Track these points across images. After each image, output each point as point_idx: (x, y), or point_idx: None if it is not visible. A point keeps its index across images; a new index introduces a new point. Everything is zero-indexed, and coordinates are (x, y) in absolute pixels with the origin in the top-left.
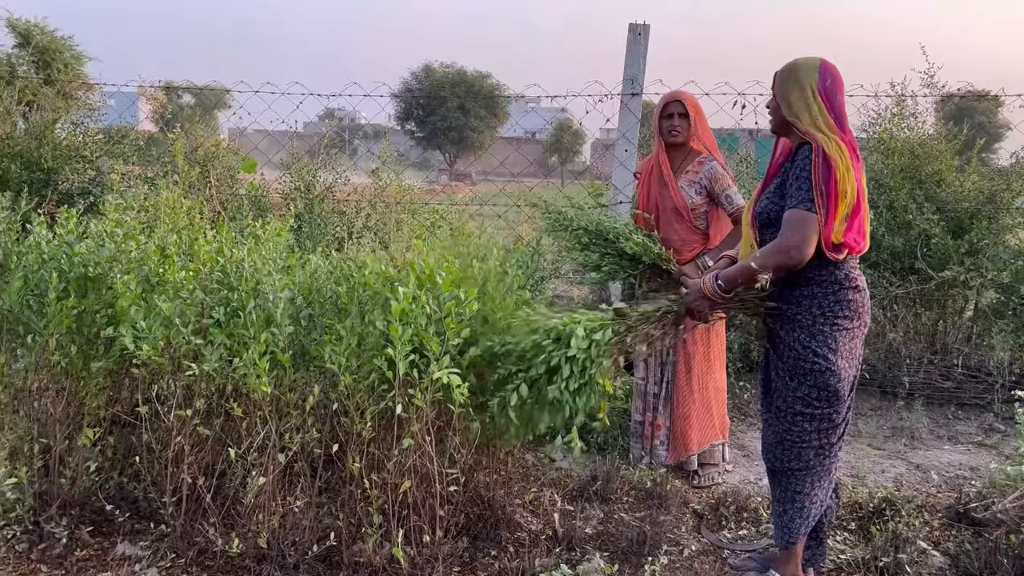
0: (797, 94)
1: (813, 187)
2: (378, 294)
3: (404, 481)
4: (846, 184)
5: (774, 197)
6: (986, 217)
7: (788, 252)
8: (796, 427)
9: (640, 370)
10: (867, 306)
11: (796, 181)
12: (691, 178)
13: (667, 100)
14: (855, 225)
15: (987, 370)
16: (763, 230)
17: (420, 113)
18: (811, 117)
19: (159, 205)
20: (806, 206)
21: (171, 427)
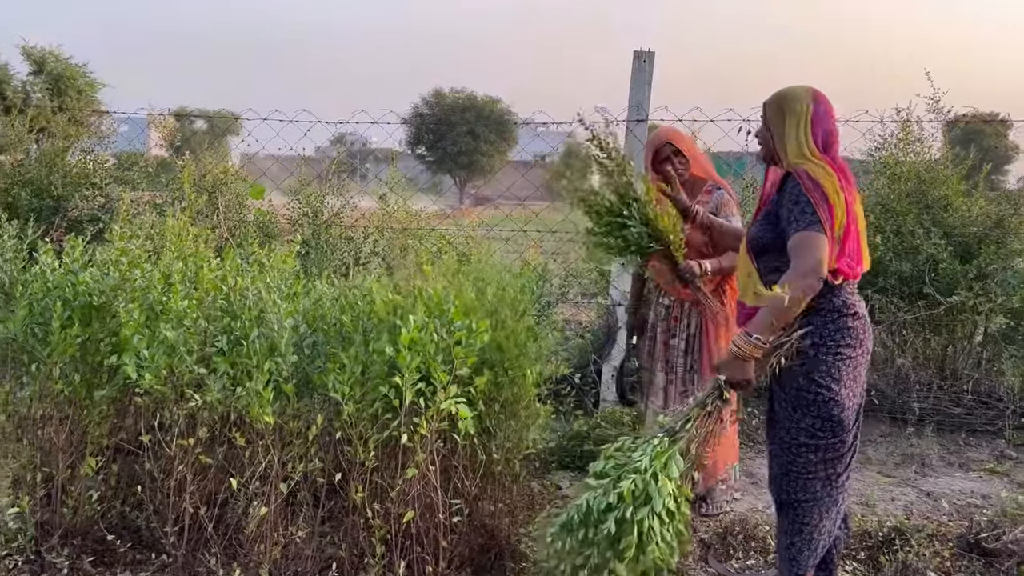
0: (787, 123)
1: (816, 208)
2: (383, 322)
3: (407, 511)
4: (836, 207)
5: (765, 224)
6: (994, 242)
7: (806, 275)
8: (801, 458)
9: (659, 398)
10: (868, 333)
11: (795, 207)
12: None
13: (656, 145)
14: (847, 249)
15: (998, 396)
16: (758, 257)
17: (430, 138)
18: (798, 146)
19: (165, 233)
20: (814, 228)
21: (173, 456)
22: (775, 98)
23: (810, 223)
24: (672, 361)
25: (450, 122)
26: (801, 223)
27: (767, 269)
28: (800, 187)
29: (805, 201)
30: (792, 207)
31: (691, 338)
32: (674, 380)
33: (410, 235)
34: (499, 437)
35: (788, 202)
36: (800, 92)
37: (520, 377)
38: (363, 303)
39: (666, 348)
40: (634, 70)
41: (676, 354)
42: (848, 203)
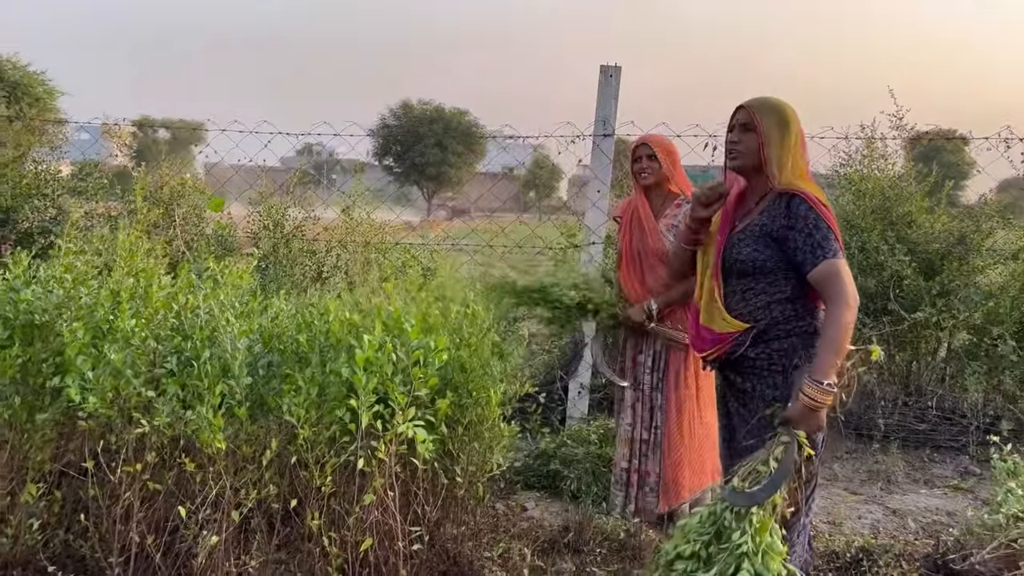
0: (786, 139)
1: (836, 235)
2: (341, 342)
3: (366, 538)
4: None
5: (757, 243)
6: (957, 258)
7: (853, 306)
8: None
9: (628, 416)
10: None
11: (817, 233)
12: (670, 222)
13: (636, 143)
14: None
15: (961, 412)
16: (742, 278)
17: (398, 149)
18: (794, 167)
19: (116, 247)
20: (840, 255)
21: (120, 482)
22: (773, 108)
23: (836, 251)
24: (639, 378)
25: (418, 134)
26: (828, 251)
27: (747, 292)
28: (817, 213)
29: (827, 228)
30: (814, 233)
31: (656, 355)
32: (641, 397)
33: (374, 249)
34: (462, 460)
35: (807, 228)
36: (792, 109)
37: (484, 398)
38: (320, 322)
39: (634, 364)
40: (600, 84)
41: (643, 371)
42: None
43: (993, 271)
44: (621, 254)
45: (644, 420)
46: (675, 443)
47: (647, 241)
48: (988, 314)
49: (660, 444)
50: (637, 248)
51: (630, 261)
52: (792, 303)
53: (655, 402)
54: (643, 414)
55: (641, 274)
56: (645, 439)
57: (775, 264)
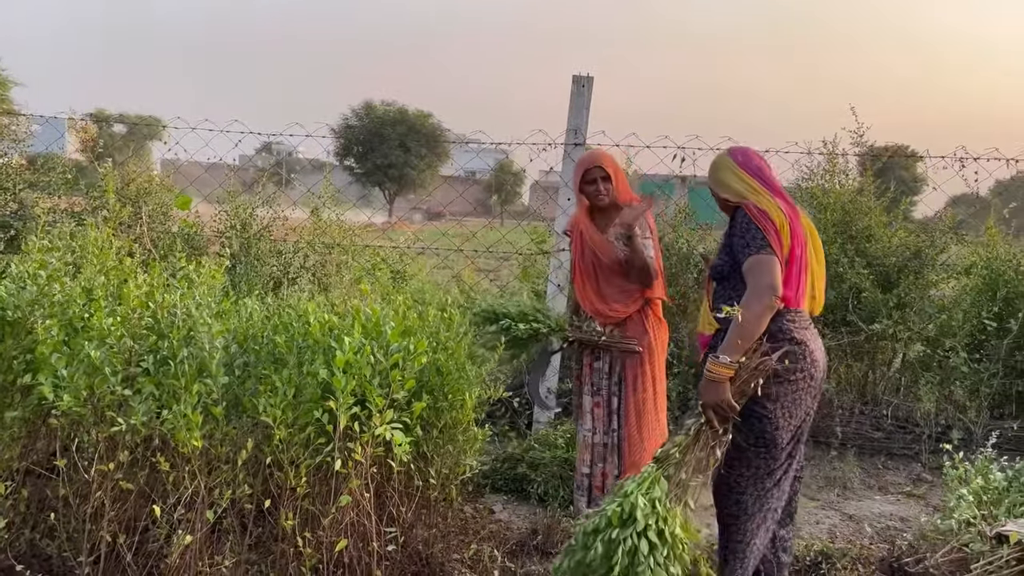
0: (722, 178)
1: (766, 234)
2: (318, 343)
3: (340, 539)
4: (782, 234)
5: (723, 255)
6: (912, 272)
7: (762, 295)
8: (735, 471)
9: (588, 421)
10: (812, 359)
11: (746, 234)
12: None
13: (587, 166)
14: (792, 278)
15: (915, 421)
16: (719, 284)
17: (360, 150)
18: (743, 187)
19: (86, 245)
20: (765, 251)
21: (91, 481)
22: (710, 172)
23: (761, 247)
24: (596, 383)
25: (381, 135)
26: (753, 248)
27: (724, 297)
28: (749, 217)
29: (755, 228)
30: (744, 234)
31: (613, 360)
32: (600, 403)
33: (343, 250)
34: (436, 462)
35: (739, 231)
36: (719, 155)
37: (459, 401)
38: (298, 324)
39: (591, 371)
40: (573, 94)
41: (600, 376)
42: (796, 234)
43: (946, 285)
44: (574, 267)
45: (604, 424)
46: (635, 446)
47: (599, 254)
48: (941, 327)
49: (618, 447)
50: (591, 261)
51: (584, 274)
52: None
53: (612, 406)
54: (603, 418)
55: (596, 286)
56: (605, 443)
57: (731, 269)
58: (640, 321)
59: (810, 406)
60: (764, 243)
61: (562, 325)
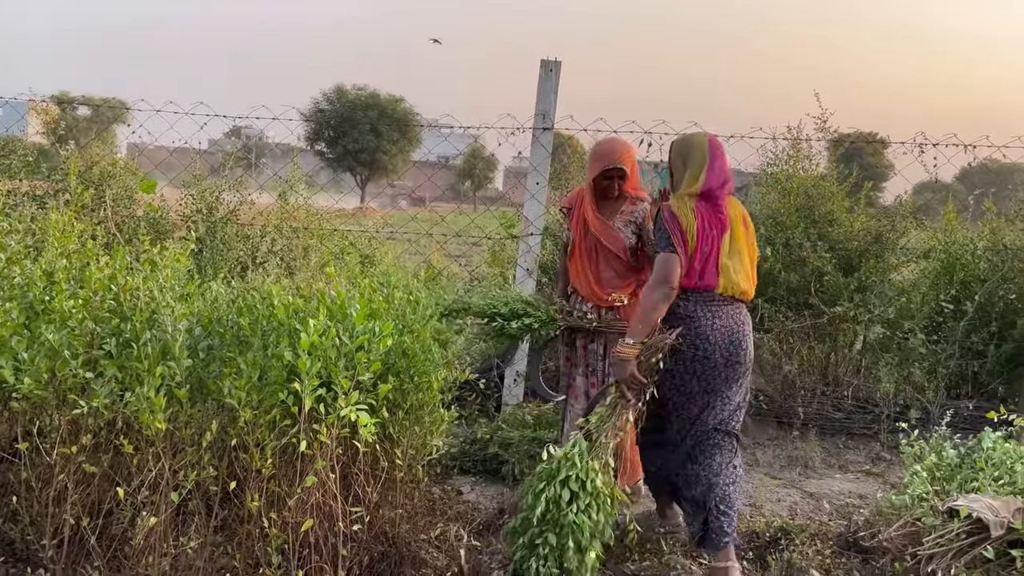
0: (681, 170)
1: (671, 235)
2: (283, 326)
3: (306, 520)
4: (688, 235)
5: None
6: (873, 256)
7: (656, 287)
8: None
9: (582, 402)
10: (698, 332)
11: (656, 232)
12: (627, 218)
13: (607, 165)
14: (693, 268)
15: (874, 401)
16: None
17: (331, 134)
18: (684, 188)
19: (47, 228)
20: (667, 249)
21: (54, 464)
22: (677, 145)
23: (664, 246)
24: (592, 364)
25: (352, 119)
26: (660, 246)
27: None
28: (662, 220)
29: (664, 230)
30: (655, 233)
31: (609, 343)
32: (595, 383)
33: (311, 235)
34: (403, 443)
35: (657, 227)
36: (695, 143)
37: (425, 383)
38: (262, 306)
39: (585, 352)
40: (541, 79)
41: (595, 358)
42: (701, 228)
43: (906, 269)
44: (575, 247)
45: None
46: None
47: (602, 239)
48: (901, 309)
49: None
50: (593, 244)
51: (585, 255)
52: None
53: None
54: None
55: (596, 267)
56: None
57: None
58: (632, 304)
59: (706, 373)
60: (668, 243)
61: (553, 316)
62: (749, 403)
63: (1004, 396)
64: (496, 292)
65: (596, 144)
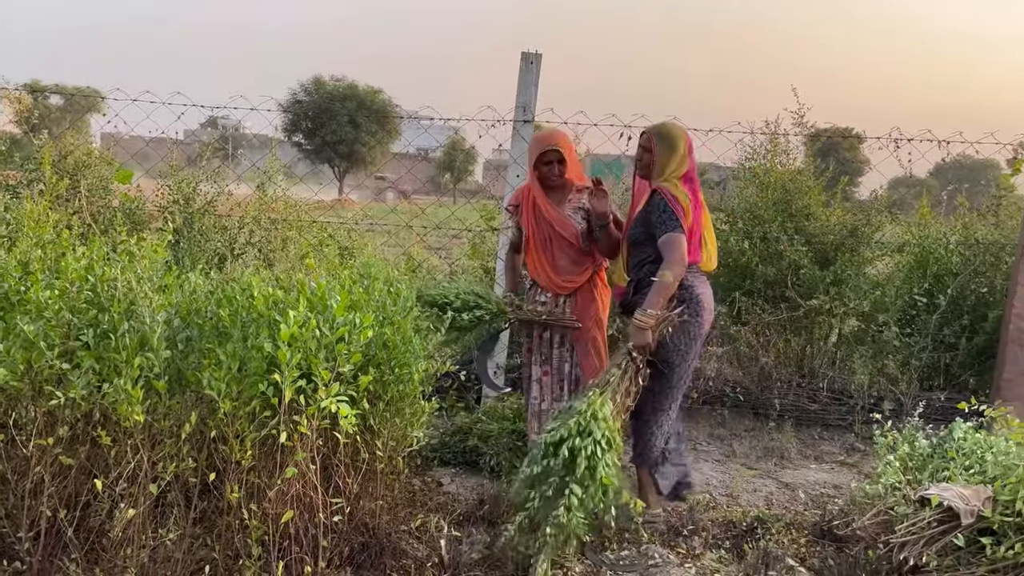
0: (669, 156)
1: (677, 215)
2: (263, 317)
3: (287, 511)
4: (687, 215)
5: (639, 225)
6: (849, 249)
7: (677, 264)
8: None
9: (534, 390)
10: (698, 300)
11: (663, 214)
12: (575, 205)
13: (544, 148)
14: (692, 245)
15: (849, 393)
16: (633, 248)
17: (309, 125)
18: (669, 172)
19: (22, 217)
20: (677, 230)
21: (30, 456)
22: (663, 132)
23: (674, 227)
24: (546, 353)
25: (330, 110)
26: (668, 226)
27: (637, 260)
28: (665, 201)
29: (670, 211)
30: (661, 214)
31: (564, 332)
32: (550, 372)
33: (289, 226)
34: (383, 435)
35: (657, 211)
36: (680, 133)
37: (406, 374)
38: (242, 297)
39: (540, 341)
40: (521, 71)
41: (550, 346)
42: (695, 214)
43: (881, 262)
44: (528, 241)
45: (554, 392)
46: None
47: (556, 227)
48: (875, 303)
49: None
50: (546, 234)
51: (540, 246)
52: (654, 263)
53: (564, 373)
54: (551, 386)
55: (552, 258)
56: (552, 410)
57: (645, 238)
58: (589, 289)
59: (700, 338)
60: (676, 223)
61: (503, 308)
62: (726, 394)
63: (975, 387)
64: (447, 284)
65: (533, 136)
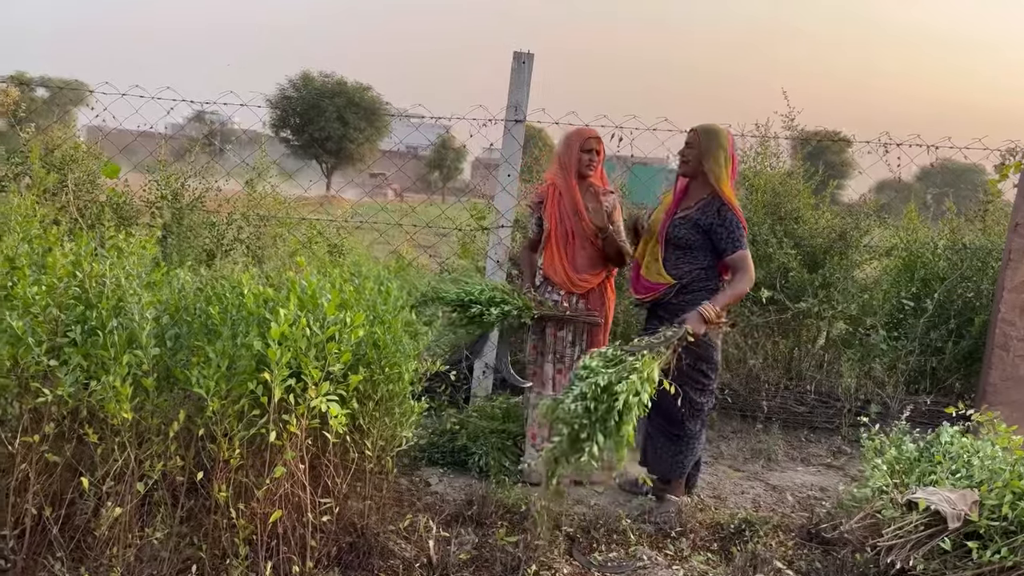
0: (719, 156)
1: (743, 234)
2: (253, 315)
3: (275, 510)
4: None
5: (691, 229)
6: (837, 253)
7: (751, 282)
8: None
9: (548, 388)
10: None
11: (736, 231)
12: (596, 207)
13: (589, 135)
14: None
15: (836, 396)
16: (676, 250)
17: (297, 121)
18: (724, 178)
19: (8, 212)
20: (745, 247)
21: (15, 454)
22: (712, 131)
23: (744, 245)
24: (560, 352)
25: (318, 107)
26: (740, 244)
27: (678, 259)
28: (735, 217)
29: (739, 227)
30: (733, 231)
31: (577, 330)
32: (563, 370)
33: (279, 223)
34: (372, 434)
35: (727, 225)
36: (725, 133)
37: (396, 374)
38: (232, 295)
39: (555, 339)
40: (513, 70)
41: (564, 345)
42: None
43: (869, 266)
44: (550, 236)
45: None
46: None
47: (580, 223)
48: (863, 306)
49: None
50: (570, 230)
51: (561, 242)
52: (705, 270)
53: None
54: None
55: (571, 255)
56: None
57: (699, 244)
58: (600, 292)
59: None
60: (743, 240)
61: (528, 304)
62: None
63: (961, 392)
64: (469, 280)
65: (571, 130)
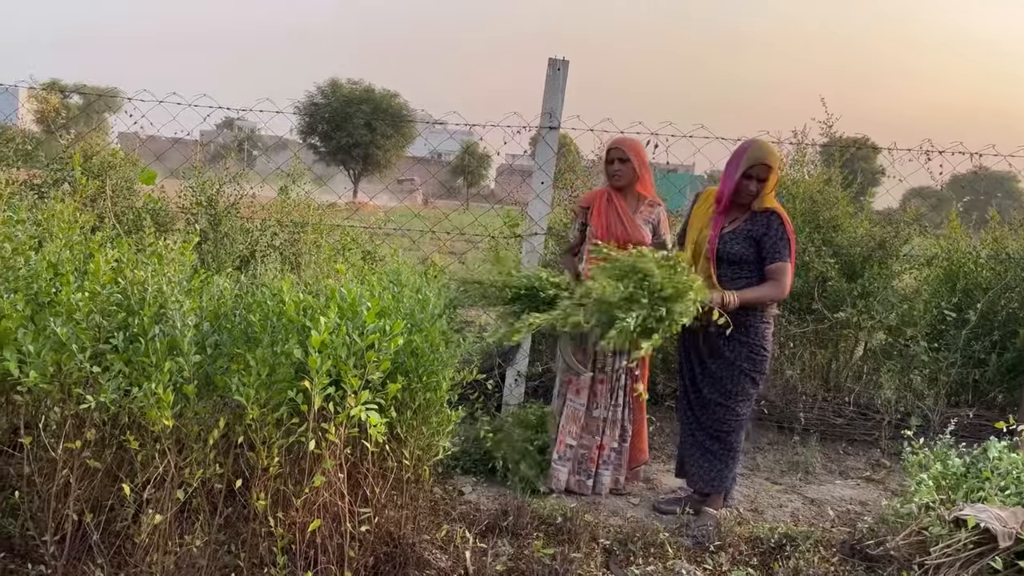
0: (775, 174)
1: (792, 245)
2: (293, 322)
3: (313, 519)
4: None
5: (745, 244)
6: (877, 262)
7: (784, 290)
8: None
9: (583, 396)
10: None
11: (782, 242)
12: (645, 217)
13: (610, 144)
14: None
15: (875, 408)
16: (731, 266)
17: (325, 128)
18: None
19: (52, 218)
20: (790, 260)
21: (57, 459)
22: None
23: (786, 257)
24: (602, 362)
25: (346, 113)
26: (784, 255)
27: (731, 275)
28: (785, 229)
29: (786, 239)
30: (780, 241)
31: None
32: (604, 380)
33: (313, 229)
34: (410, 443)
35: (776, 236)
36: (778, 157)
37: (434, 383)
38: (272, 302)
39: (597, 349)
40: (548, 77)
41: (606, 356)
42: None
43: (909, 275)
44: (597, 236)
45: (605, 400)
46: (637, 416)
47: (629, 232)
48: (903, 316)
49: (618, 421)
50: (617, 237)
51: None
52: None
53: (617, 383)
54: (605, 394)
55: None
56: (605, 417)
57: (754, 258)
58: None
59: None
60: (786, 252)
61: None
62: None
63: (1004, 405)
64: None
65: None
